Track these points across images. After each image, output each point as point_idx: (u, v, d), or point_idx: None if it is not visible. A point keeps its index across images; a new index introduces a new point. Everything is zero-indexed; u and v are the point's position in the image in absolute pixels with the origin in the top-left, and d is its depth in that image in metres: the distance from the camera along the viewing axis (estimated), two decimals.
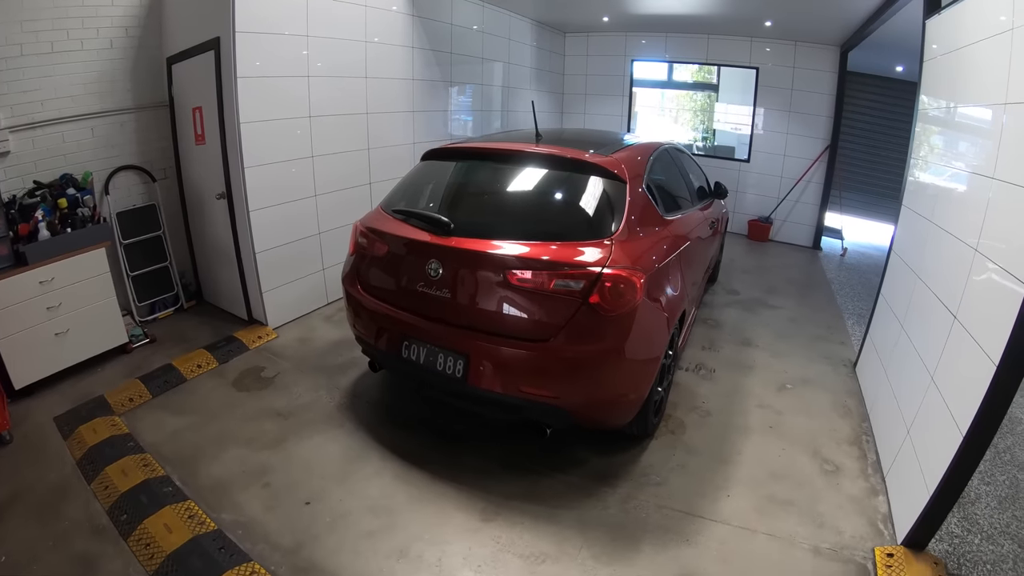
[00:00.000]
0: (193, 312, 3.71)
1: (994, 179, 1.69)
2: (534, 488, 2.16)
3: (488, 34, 5.18)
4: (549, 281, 1.91)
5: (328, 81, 3.44)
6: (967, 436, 1.63)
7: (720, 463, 2.35)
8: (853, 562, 1.85)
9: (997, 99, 1.66)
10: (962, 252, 1.86)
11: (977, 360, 1.63)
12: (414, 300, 2.19)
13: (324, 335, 3.44)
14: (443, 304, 2.10)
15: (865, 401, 2.80)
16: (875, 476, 2.27)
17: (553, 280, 1.91)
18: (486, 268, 2.01)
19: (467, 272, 2.05)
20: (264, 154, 3.12)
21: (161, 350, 3.16)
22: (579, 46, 6.66)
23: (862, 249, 6.03)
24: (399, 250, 2.25)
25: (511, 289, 1.97)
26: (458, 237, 2.08)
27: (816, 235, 5.88)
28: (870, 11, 3.67)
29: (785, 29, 4.98)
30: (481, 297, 2.04)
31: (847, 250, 5.77)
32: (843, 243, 5.83)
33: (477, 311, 2.05)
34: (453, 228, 2.10)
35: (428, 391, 2.40)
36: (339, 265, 3.76)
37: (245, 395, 2.77)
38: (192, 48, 3.10)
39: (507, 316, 2.00)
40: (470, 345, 2.04)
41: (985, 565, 1.83)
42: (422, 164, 2.67)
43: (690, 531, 1.97)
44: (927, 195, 2.29)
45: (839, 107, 5.40)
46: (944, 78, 2.20)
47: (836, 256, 5.70)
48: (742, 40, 5.65)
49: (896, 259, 2.72)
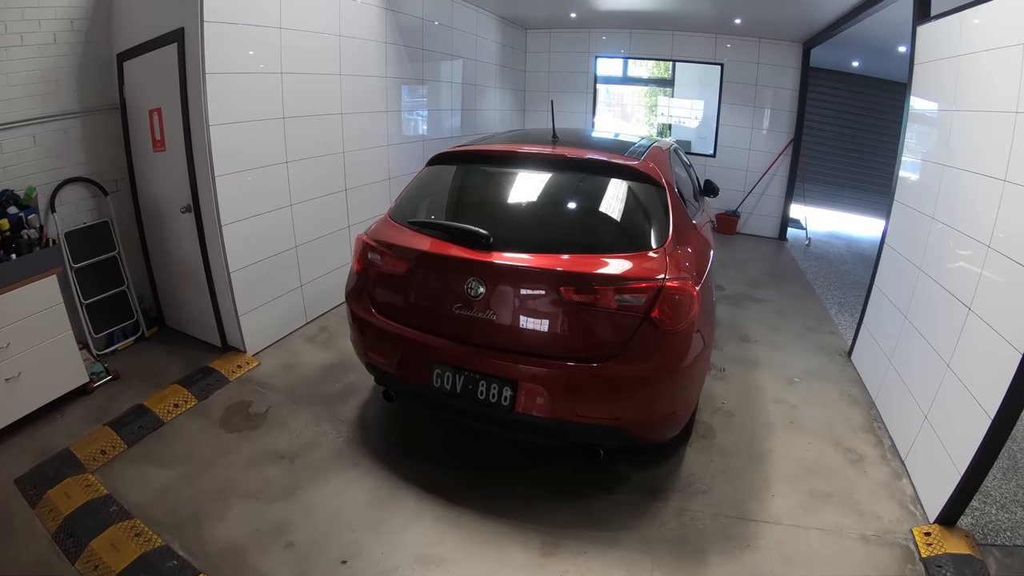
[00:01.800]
0: (157, 341, 3.38)
1: (1007, 182, 1.91)
2: (587, 513, 2.16)
3: (457, 30, 5.15)
4: (609, 297, 1.88)
5: (302, 79, 3.25)
6: (995, 419, 1.84)
7: (756, 463, 2.49)
8: (897, 545, 2.04)
9: (1007, 107, 1.88)
10: (974, 249, 2.09)
11: (1000, 349, 1.84)
12: (448, 323, 2.07)
13: (310, 359, 3.26)
14: (485, 326, 2.01)
15: (868, 389, 3.07)
16: (895, 461, 2.50)
17: (613, 296, 1.88)
18: (537, 285, 1.95)
19: (514, 290, 1.97)
20: (236, 160, 2.90)
21: (127, 388, 2.85)
22: (541, 43, 6.77)
23: (823, 238, 6.59)
24: (427, 267, 2.13)
25: (566, 307, 1.91)
26: (499, 251, 1.98)
27: (782, 227, 6.36)
28: (844, 11, 3.99)
29: (751, 26, 5.33)
30: (531, 317, 1.97)
31: (811, 240, 6.28)
32: (807, 233, 6.35)
33: (526, 333, 1.97)
34: (492, 242, 2.00)
35: (456, 417, 2.32)
36: (317, 280, 3.63)
37: (237, 437, 2.54)
38: (149, 42, 2.81)
39: (562, 337, 1.94)
40: (518, 370, 1.95)
41: (1005, 532, 2.09)
42: (430, 170, 2.55)
43: (748, 535, 2.07)
44: (927, 192, 2.55)
45: (802, 102, 5.86)
46: (942, 82, 2.45)
47: (802, 246, 6.19)
48: (707, 37, 5.97)
49: (891, 252, 3.01)
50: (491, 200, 2.42)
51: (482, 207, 2.40)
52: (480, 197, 2.44)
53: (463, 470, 2.38)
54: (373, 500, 2.19)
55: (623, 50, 6.53)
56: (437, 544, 1.98)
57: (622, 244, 2.05)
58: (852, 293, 4.74)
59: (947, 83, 2.37)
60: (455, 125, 5.38)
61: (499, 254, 1.97)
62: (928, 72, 2.63)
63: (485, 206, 2.40)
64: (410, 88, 4.50)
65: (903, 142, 2.87)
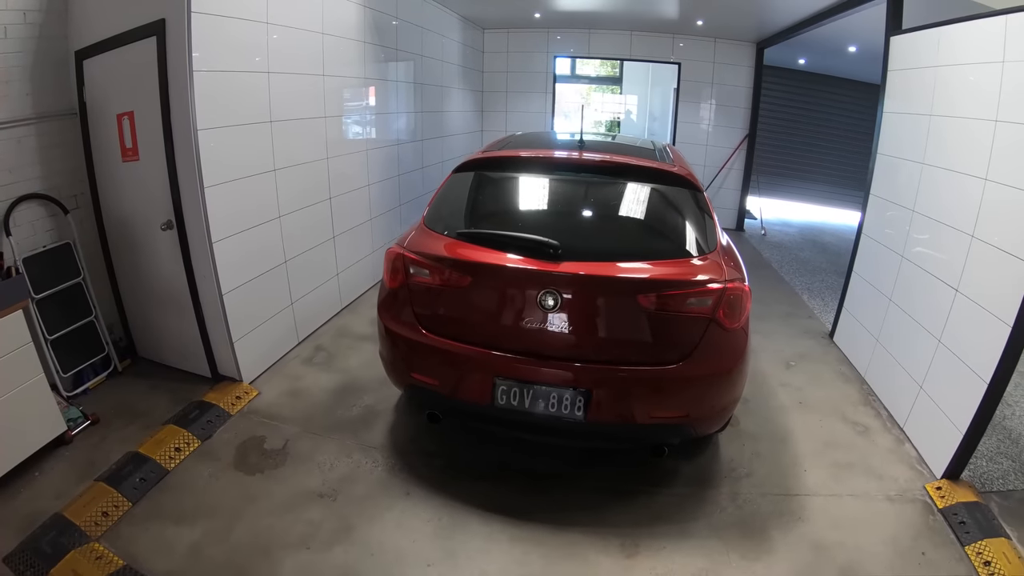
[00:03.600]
0: (132, 374, 3.10)
1: (987, 180, 2.36)
2: (651, 509, 2.33)
3: (426, 30, 5.22)
4: (681, 301, 2.05)
5: (288, 79, 3.16)
6: (991, 383, 2.26)
7: (781, 443, 2.81)
8: (917, 501, 2.43)
9: (988, 116, 2.33)
10: (959, 239, 2.53)
11: (989, 323, 2.26)
12: (515, 336, 2.12)
13: (315, 383, 3.16)
14: (557, 338, 2.09)
15: (856, 367, 3.54)
16: (895, 429, 2.94)
17: (685, 300, 2.05)
18: (613, 294, 2.07)
19: (590, 301, 2.07)
20: (226, 169, 2.76)
21: (111, 433, 2.61)
22: (499, 43, 6.95)
23: (776, 226, 7.34)
24: (493, 281, 2.15)
25: (640, 314, 2.05)
26: (568, 262, 2.06)
27: (739, 218, 7.02)
28: (809, 14, 4.51)
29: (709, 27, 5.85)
30: (606, 326, 2.09)
31: (767, 230, 6.99)
32: (762, 223, 7.05)
33: (600, 341, 2.09)
34: (562, 252, 2.06)
35: (518, 433, 2.38)
36: (307, 297, 3.54)
37: (261, 479, 2.42)
38: (118, 36, 2.59)
39: (637, 343, 2.08)
40: (592, 379, 2.07)
41: (997, 480, 2.55)
42: (461, 176, 2.57)
43: (796, 509, 2.36)
44: (907, 188, 3.02)
45: (756, 99, 6.52)
46: (919, 89, 2.90)
47: (759, 236, 6.87)
48: (664, 37, 6.45)
49: (869, 241, 3.50)
50: (542, 208, 2.47)
51: (534, 216, 2.43)
52: (529, 205, 2.48)
53: (517, 484, 2.46)
54: (438, 529, 2.18)
55: (582, 50, 6.86)
56: (523, 564, 2.04)
57: (681, 249, 2.23)
58: (816, 279, 5.37)
59: (925, 91, 2.83)
60: (426, 128, 5.42)
61: (571, 264, 2.05)
62: (903, 79, 3.11)
63: (537, 215, 2.44)
64: (387, 90, 4.51)
65: (877, 142, 3.36)
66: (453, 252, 2.22)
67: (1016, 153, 2.19)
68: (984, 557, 2.10)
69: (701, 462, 2.65)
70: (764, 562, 2.09)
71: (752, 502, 2.40)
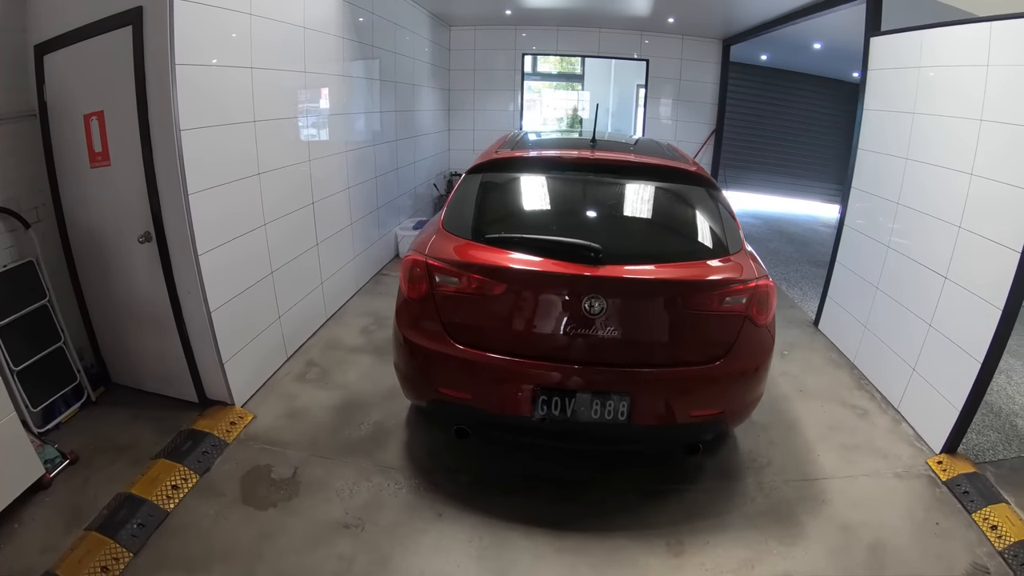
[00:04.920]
0: (108, 404, 2.87)
1: (973, 175, 2.62)
2: (686, 506, 2.42)
3: (399, 26, 5.18)
4: (719, 300, 2.14)
5: (271, 75, 3.04)
6: (984, 362, 2.52)
7: (791, 431, 2.99)
8: (922, 476, 2.66)
9: (973, 115, 2.59)
10: (947, 229, 2.79)
11: (979, 307, 2.52)
12: (558, 344, 2.13)
13: (314, 402, 3.06)
14: (602, 344, 2.11)
15: (845, 353, 3.82)
16: (890, 410, 3.19)
17: (723, 299, 2.14)
18: (656, 296, 2.13)
19: (634, 304, 2.12)
20: (211, 173, 2.62)
21: (95, 473, 2.41)
22: (466, 40, 6.98)
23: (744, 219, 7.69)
24: (533, 288, 2.14)
25: (682, 315, 2.13)
26: (609, 265, 2.09)
27: None
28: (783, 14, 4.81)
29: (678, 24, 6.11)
30: (650, 329, 2.15)
31: None
32: None
33: (645, 344, 2.15)
34: (603, 255, 2.09)
35: (558, 443, 2.40)
36: (293, 309, 3.44)
37: (275, 513, 2.29)
38: (86, 27, 2.40)
39: (678, 344, 2.16)
40: (637, 383, 2.13)
41: (988, 451, 2.84)
42: (476, 178, 2.55)
43: (818, 492, 2.53)
44: (890, 182, 3.29)
45: (723, 94, 6.87)
46: (901, 89, 3.17)
47: None
48: (632, 34, 6.67)
49: (852, 233, 3.78)
50: (571, 210, 2.48)
51: (564, 218, 2.42)
52: (556, 207, 2.47)
53: (549, 493, 2.48)
54: (481, 550, 2.16)
55: (550, 47, 6.99)
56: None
57: (712, 248, 2.31)
58: (791, 269, 5.73)
59: (907, 90, 3.10)
60: (400, 128, 5.37)
61: (612, 268, 2.09)
62: (884, 78, 3.40)
63: (566, 217, 2.44)
64: (365, 88, 4.44)
65: (858, 138, 3.64)
66: (486, 259, 2.19)
67: (1001, 150, 2.45)
68: (991, 522, 2.33)
69: (723, 456, 2.77)
70: (801, 546, 2.23)
71: (777, 490, 2.55)
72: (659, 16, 5.72)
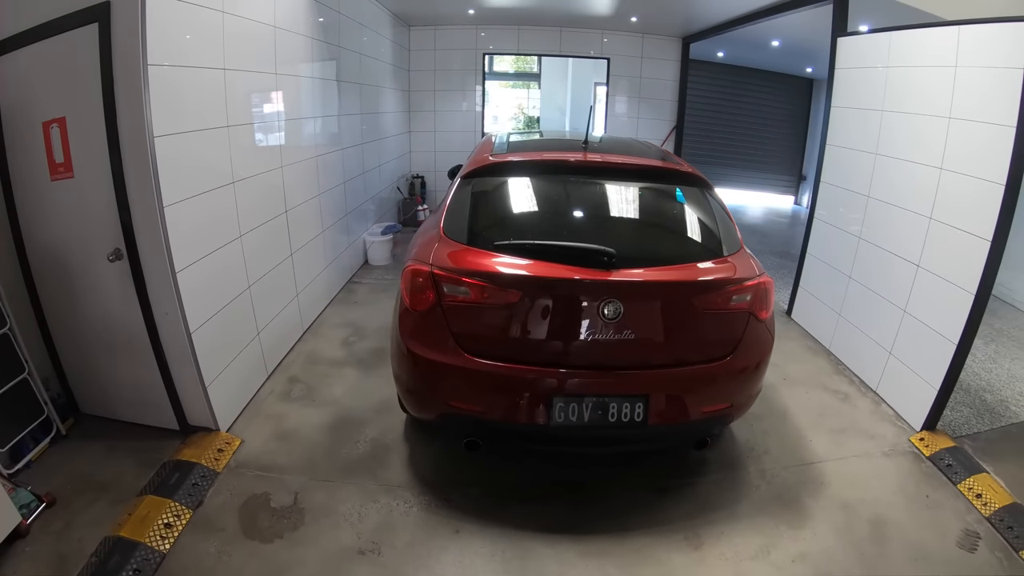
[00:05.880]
0: (80, 437, 2.68)
1: (943, 169, 2.87)
2: (697, 500, 2.53)
3: (364, 26, 5.13)
4: (727, 298, 2.24)
5: (243, 77, 2.94)
6: (959, 344, 2.76)
7: (782, 419, 3.17)
8: (907, 453, 2.89)
9: (942, 112, 2.83)
10: (918, 220, 3.03)
11: (952, 293, 2.77)
12: (575, 350, 2.17)
13: (303, 421, 2.97)
14: (619, 347, 2.15)
15: (820, 341, 4.07)
16: (869, 393, 3.43)
17: (730, 297, 2.24)
18: (670, 298, 2.20)
19: (649, 306, 2.18)
20: (186, 183, 2.51)
21: (77, 515, 2.24)
22: (426, 40, 6.96)
23: None
24: (545, 294, 2.15)
25: (693, 315, 2.22)
26: (622, 269, 2.14)
27: None
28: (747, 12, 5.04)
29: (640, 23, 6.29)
30: (664, 330, 2.21)
31: None
32: None
33: (660, 346, 2.21)
34: (615, 259, 2.13)
35: (575, 448, 2.46)
36: (272, 324, 3.34)
37: (282, 545, 2.20)
38: (43, 26, 2.24)
39: (691, 343, 2.24)
40: (652, 384, 2.20)
41: (963, 426, 3.11)
42: (472, 183, 2.55)
43: (817, 476, 2.70)
44: (860, 176, 3.53)
45: (683, 91, 7.14)
46: (868, 87, 3.41)
47: None
48: (594, 32, 6.83)
49: (822, 225, 4.04)
50: (577, 213, 2.50)
51: (572, 221, 2.45)
52: (561, 211, 2.50)
53: (564, 498, 2.52)
54: (506, 563, 2.17)
55: (511, 46, 7.06)
56: None
57: (716, 248, 2.41)
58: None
59: (876, 89, 3.35)
60: (366, 131, 5.31)
61: (626, 271, 2.14)
62: (851, 77, 3.64)
63: (575, 220, 2.46)
64: (334, 90, 4.36)
65: (827, 134, 3.89)
66: (499, 267, 2.18)
67: (970, 146, 2.70)
68: (975, 491, 2.56)
69: (723, 448, 2.90)
70: (809, 528, 2.38)
71: (779, 476, 2.70)
72: (622, 15, 5.89)
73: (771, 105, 8.74)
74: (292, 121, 3.56)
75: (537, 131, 8.33)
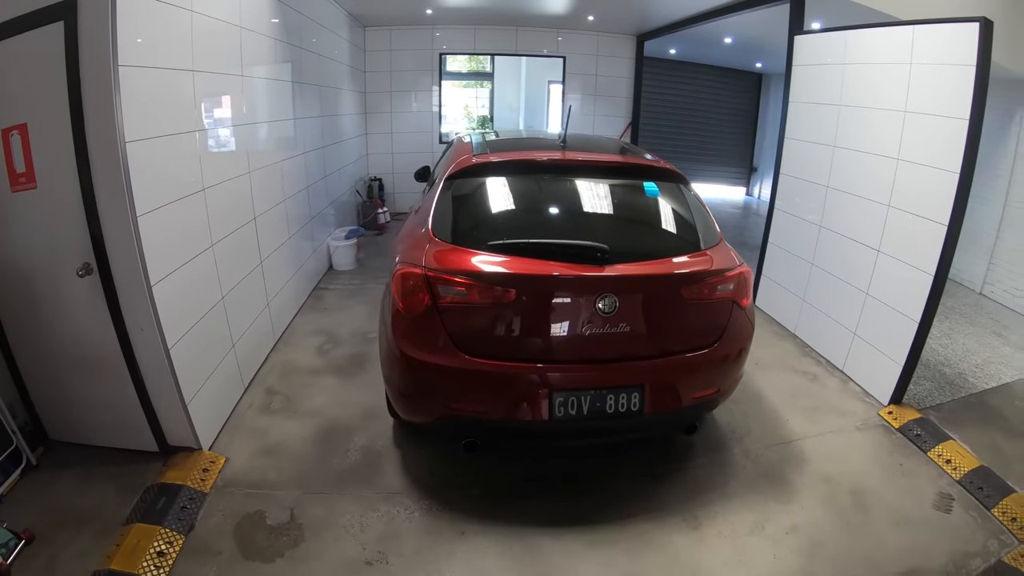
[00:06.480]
0: (53, 466, 2.53)
1: (899, 160, 3.12)
2: (689, 483, 2.65)
3: (324, 27, 5.07)
4: (714, 289, 2.37)
5: (211, 79, 2.86)
6: (920, 322, 3.01)
7: (759, 402, 3.35)
8: (878, 426, 3.13)
9: (898, 107, 3.07)
10: (877, 208, 3.28)
11: (912, 275, 3.01)
12: (574, 346, 2.24)
13: (288, 434, 2.91)
14: (615, 340, 2.24)
15: (785, 325, 4.32)
16: (836, 372, 3.68)
17: (716, 287, 2.38)
18: (662, 291, 2.31)
19: (642, 299, 2.28)
20: (159, 190, 2.42)
21: (61, 550, 2.11)
22: (381, 41, 6.93)
23: None
24: (543, 292, 2.22)
25: (683, 306, 2.33)
26: (614, 264, 2.22)
27: None
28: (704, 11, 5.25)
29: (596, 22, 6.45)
30: (657, 322, 2.32)
31: None
32: None
33: (653, 337, 2.32)
34: (608, 255, 2.21)
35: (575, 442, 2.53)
36: (245, 335, 3.27)
37: (285, 564, 2.16)
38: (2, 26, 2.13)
39: (682, 333, 2.37)
40: (647, 374, 2.29)
41: (926, 398, 3.39)
42: (459, 183, 2.59)
43: (798, 452, 2.89)
44: (819, 168, 3.78)
45: (637, 88, 7.37)
46: (825, 83, 3.65)
47: None
48: (549, 32, 6.97)
49: (783, 215, 4.29)
50: (564, 212, 2.58)
51: (562, 219, 2.54)
52: (550, 209, 2.57)
53: (562, 492, 2.59)
54: (516, 560, 2.21)
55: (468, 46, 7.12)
56: (612, 566, 2.20)
57: (699, 241, 2.53)
58: None
59: (833, 84, 3.59)
60: (326, 134, 5.23)
61: (619, 266, 2.23)
62: (808, 74, 3.89)
63: (561, 219, 2.54)
64: (296, 92, 4.28)
65: (784, 128, 4.14)
66: (494, 266, 2.23)
67: (925, 138, 2.95)
68: (944, 457, 2.81)
69: (707, 432, 3.05)
70: (797, 502, 2.55)
71: (762, 455, 2.87)
72: (580, 14, 6.04)
73: (722, 100, 9.15)
74: (259, 125, 3.49)
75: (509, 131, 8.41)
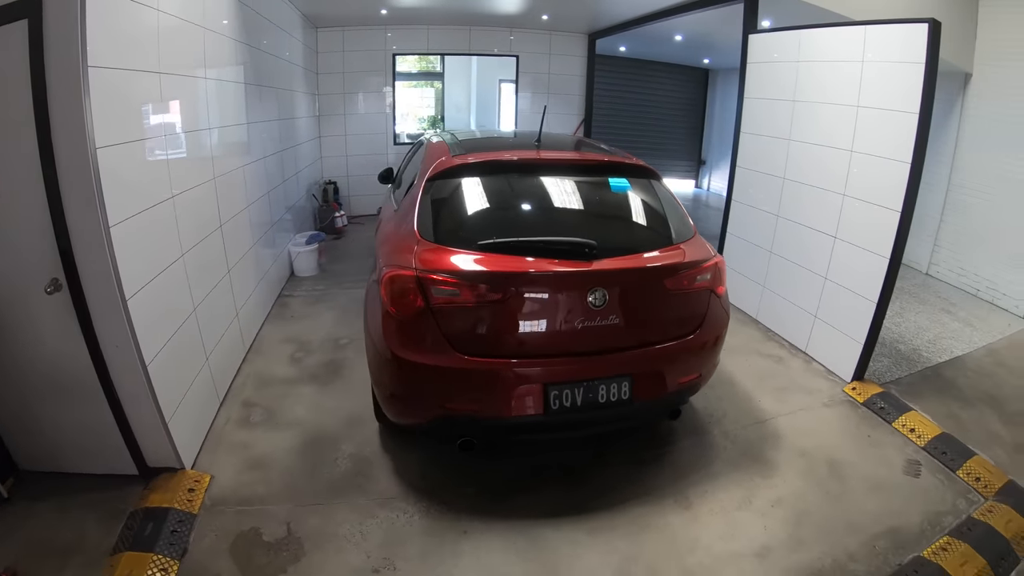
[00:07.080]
0: (25, 498, 2.38)
1: (853, 152, 3.38)
2: (675, 466, 2.80)
3: (280, 28, 4.99)
4: (694, 279, 2.52)
5: (176, 81, 2.78)
6: (878, 303, 3.27)
7: (731, 385, 3.56)
8: (844, 402, 3.39)
9: (850, 102, 3.34)
10: (832, 198, 3.55)
11: (869, 259, 3.28)
12: (566, 340, 2.33)
13: (272, 446, 2.86)
14: (606, 332, 2.35)
15: (747, 312, 4.58)
16: (800, 354, 3.95)
17: (695, 277, 2.52)
18: (647, 283, 2.43)
19: (629, 292, 2.39)
20: (131, 199, 2.33)
21: None
22: (334, 42, 6.86)
23: None
24: (535, 288, 2.31)
25: (667, 297, 2.47)
26: (601, 259, 2.34)
27: None
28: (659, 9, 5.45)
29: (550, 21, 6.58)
30: (645, 312, 2.45)
31: None
32: None
33: (640, 327, 2.44)
34: (597, 250, 2.32)
35: (568, 433, 2.62)
36: (219, 346, 3.27)
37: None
38: None
39: (666, 322, 2.50)
40: (635, 363, 2.42)
41: (886, 373, 3.70)
42: (441, 184, 2.63)
43: (772, 430, 3.10)
44: (775, 160, 4.03)
45: (590, 86, 7.57)
46: (779, 80, 3.90)
47: None
48: (502, 31, 7.06)
49: (740, 206, 4.54)
50: (547, 210, 2.66)
51: (548, 216, 2.62)
52: (534, 208, 2.66)
53: (558, 484, 2.68)
54: (522, 554, 2.28)
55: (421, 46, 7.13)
56: (614, 551, 2.30)
57: (677, 234, 2.67)
58: None
59: (787, 81, 3.85)
60: (284, 137, 5.15)
61: (606, 261, 2.35)
62: (762, 71, 4.14)
63: (546, 216, 2.63)
64: (256, 95, 4.20)
65: (740, 123, 4.39)
66: (488, 264, 2.29)
67: (877, 130, 3.21)
68: (908, 427, 3.09)
69: (686, 417, 3.21)
70: (779, 476, 2.75)
71: (740, 435, 3.06)
72: (534, 13, 6.16)
73: (671, 95, 9.53)
74: (223, 129, 3.40)
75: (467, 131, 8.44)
